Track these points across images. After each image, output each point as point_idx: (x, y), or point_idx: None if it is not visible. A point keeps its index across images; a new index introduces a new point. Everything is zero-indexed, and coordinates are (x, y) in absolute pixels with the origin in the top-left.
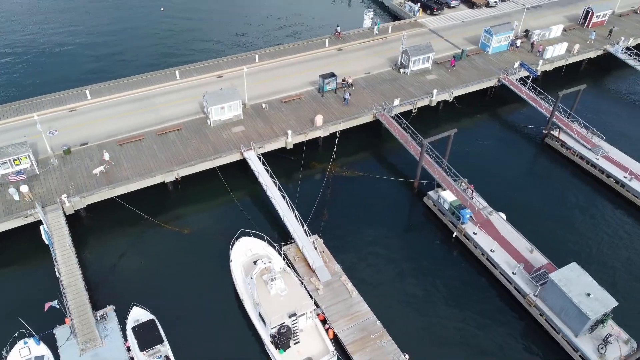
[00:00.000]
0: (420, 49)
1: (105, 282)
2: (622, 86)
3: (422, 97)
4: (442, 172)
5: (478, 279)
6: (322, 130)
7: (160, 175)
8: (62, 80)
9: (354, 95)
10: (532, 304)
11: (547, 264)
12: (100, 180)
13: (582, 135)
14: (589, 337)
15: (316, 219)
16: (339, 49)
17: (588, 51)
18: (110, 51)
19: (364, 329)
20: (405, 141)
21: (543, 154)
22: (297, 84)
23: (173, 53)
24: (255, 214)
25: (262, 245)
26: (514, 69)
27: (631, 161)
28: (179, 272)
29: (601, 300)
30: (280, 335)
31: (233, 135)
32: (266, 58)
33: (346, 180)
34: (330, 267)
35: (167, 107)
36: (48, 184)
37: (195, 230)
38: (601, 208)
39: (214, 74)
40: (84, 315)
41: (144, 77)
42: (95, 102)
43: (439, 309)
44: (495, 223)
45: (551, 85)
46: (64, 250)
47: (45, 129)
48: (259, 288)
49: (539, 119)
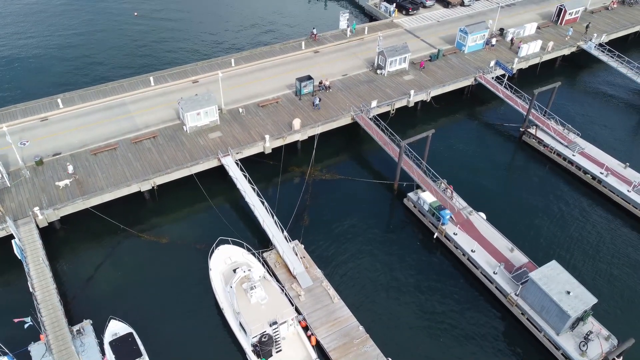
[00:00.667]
0: (397, 49)
1: (81, 295)
2: (596, 82)
3: (400, 98)
4: (421, 173)
5: (460, 279)
6: (300, 134)
7: (136, 184)
8: (32, 88)
9: (331, 97)
10: (513, 303)
11: (527, 263)
12: (74, 191)
13: (559, 132)
14: (571, 335)
15: (296, 224)
16: (316, 52)
17: (562, 48)
18: (82, 58)
19: (346, 335)
20: (384, 143)
21: (521, 152)
22: (273, 88)
23: (147, 59)
24: (234, 221)
25: (241, 253)
26: (489, 68)
27: (607, 157)
28: (157, 283)
29: (581, 297)
30: (262, 345)
31: (210, 141)
32: (242, 62)
33: (326, 183)
34: (312, 272)
35: (142, 114)
36: (20, 196)
37: (174, 240)
38: (579, 204)
39: (189, 79)
40: (59, 331)
41: (118, 83)
42: (67, 111)
43: (421, 311)
44: (475, 223)
45: (527, 83)
46: (38, 264)
47: (16, 140)
48: (239, 297)
49: (515, 117)
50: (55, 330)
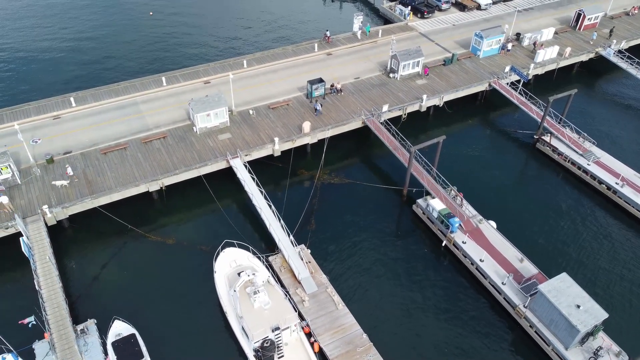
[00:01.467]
0: (410, 53)
1: (86, 294)
2: (614, 90)
3: (412, 103)
4: (431, 180)
5: (467, 289)
6: (310, 137)
7: (145, 185)
8: (46, 87)
9: (342, 101)
10: (522, 315)
11: (537, 274)
12: (83, 190)
13: (574, 141)
14: (580, 350)
15: (303, 228)
16: (328, 54)
17: (580, 54)
18: (96, 57)
19: (350, 342)
20: (394, 148)
21: (534, 160)
22: (285, 90)
23: (160, 58)
24: (241, 223)
25: (247, 256)
26: (504, 73)
27: (623, 167)
28: (162, 284)
29: (591, 312)
30: (264, 350)
31: (219, 142)
32: (254, 63)
33: (334, 188)
34: (317, 278)
35: (153, 114)
36: (30, 194)
37: (180, 241)
38: (593, 215)
39: (201, 80)
40: (63, 330)
41: (130, 83)
42: (79, 110)
43: (427, 320)
44: (485, 231)
45: (542, 90)
46: (44, 262)
47: (28, 138)
48: (242, 301)
49: (530, 124)
50: (60, 329)
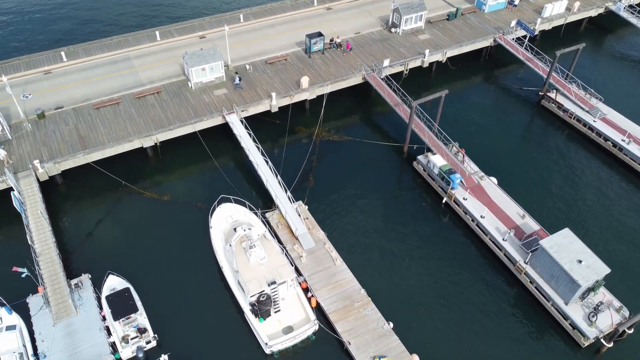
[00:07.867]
0: (412, 7)
1: (80, 250)
2: (623, 46)
3: (414, 58)
4: (432, 136)
5: (467, 246)
6: (309, 92)
7: (139, 140)
8: (37, 41)
9: (342, 56)
10: (522, 271)
11: (538, 230)
12: (76, 145)
13: (580, 97)
14: (580, 305)
15: (301, 185)
16: (328, 8)
17: (589, 9)
18: (87, 10)
19: (347, 298)
20: (395, 104)
21: (538, 117)
22: (282, 45)
23: (153, 13)
24: (237, 180)
25: (243, 212)
26: (510, 28)
27: (630, 124)
28: (157, 240)
29: (593, 267)
30: (260, 304)
31: (215, 98)
32: (251, 17)
33: (333, 144)
34: (314, 234)
35: (146, 69)
36: (21, 149)
37: (175, 197)
38: (598, 172)
39: (196, 35)
40: (57, 284)
41: (123, 37)
42: (71, 64)
43: (425, 276)
44: (486, 188)
45: (549, 46)
46: (37, 217)
47: (19, 93)
48: (238, 256)
49: (535, 80)
50: (54, 283)
